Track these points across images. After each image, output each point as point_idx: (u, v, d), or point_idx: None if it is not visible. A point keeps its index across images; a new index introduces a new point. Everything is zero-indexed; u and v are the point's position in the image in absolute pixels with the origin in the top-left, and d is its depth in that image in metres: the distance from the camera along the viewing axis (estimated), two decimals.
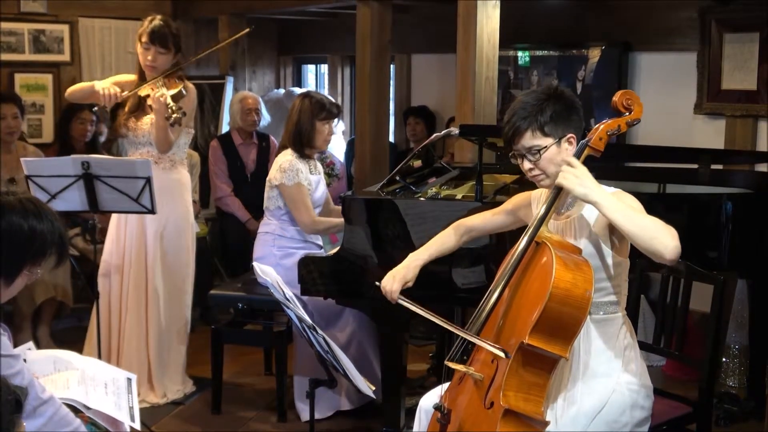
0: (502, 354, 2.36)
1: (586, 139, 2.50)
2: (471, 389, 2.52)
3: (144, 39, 4.20)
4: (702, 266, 3.04)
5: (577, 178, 2.37)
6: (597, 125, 2.52)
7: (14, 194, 2.39)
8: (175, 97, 4.05)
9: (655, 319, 3.22)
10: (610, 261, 2.53)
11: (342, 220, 4.22)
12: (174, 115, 3.94)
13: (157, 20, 4.22)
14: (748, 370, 4.39)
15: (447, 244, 2.91)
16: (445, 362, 2.55)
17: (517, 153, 2.58)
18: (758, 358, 4.23)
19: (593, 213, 2.50)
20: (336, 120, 4.34)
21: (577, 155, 2.47)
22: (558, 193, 2.48)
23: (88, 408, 2.65)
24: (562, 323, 2.33)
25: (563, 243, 2.47)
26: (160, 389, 4.34)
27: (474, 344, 2.53)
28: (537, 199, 2.74)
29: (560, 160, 2.48)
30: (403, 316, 3.58)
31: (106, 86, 4.15)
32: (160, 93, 4.04)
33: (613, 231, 2.50)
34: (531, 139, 2.52)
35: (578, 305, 2.32)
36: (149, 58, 4.20)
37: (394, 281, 2.80)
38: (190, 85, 4.30)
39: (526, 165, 2.56)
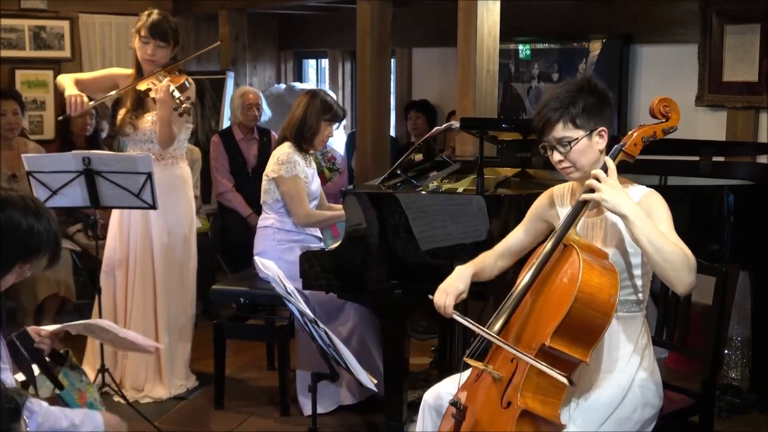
0: (564, 381, 2.30)
1: (621, 143, 2.49)
2: (488, 387, 2.51)
3: (143, 33, 4.16)
4: (704, 258, 3.02)
5: (610, 189, 2.35)
6: (632, 131, 2.51)
7: (16, 191, 2.41)
8: (180, 89, 4.03)
9: (657, 312, 3.22)
10: (639, 260, 2.52)
11: (335, 212, 4.26)
12: (183, 105, 3.92)
13: (156, 14, 4.19)
14: (751, 362, 4.39)
15: (485, 262, 2.79)
16: (464, 358, 2.53)
17: (547, 144, 2.56)
18: (760, 350, 4.23)
19: None
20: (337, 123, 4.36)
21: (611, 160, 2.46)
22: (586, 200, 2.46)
23: (119, 337, 2.78)
24: (585, 327, 2.31)
25: (591, 247, 2.45)
26: (168, 384, 4.35)
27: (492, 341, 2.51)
28: (560, 195, 2.71)
29: (591, 153, 2.49)
30: (405, 310, 3.59)
31: (74, 93, 4.04)
32: (164, 83, 4.02)
33: None
34: (562, 131, 2.50)
35: (603, 310, 2.31)
36: (149, 52, 4.17)
37: (447, 296, 2.65)
38: (190, 79, 4.29)
39: (556, 157, 2.54)
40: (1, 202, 2.31)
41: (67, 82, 4.16)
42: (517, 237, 2.81)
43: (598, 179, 2.38)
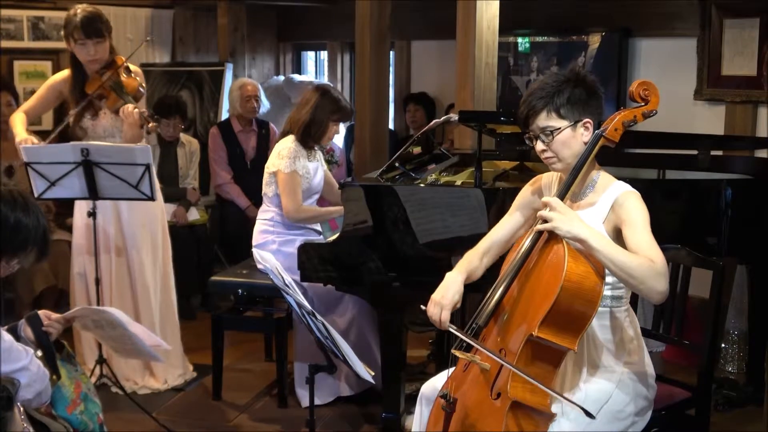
0: (548, 392, 2.31)
1: (601, 129, 2.48)
2: (477, 378, 2.51)
3: (77, 36, 4.06)
4: (701, 252, 3.04)
5: (562, 216, 2.34)
6: (612, 115, 2.50)
7: (5, 186, 2.40)
8: (137, 97, 4.06)
9: (655, 305, 3.22)
10: None
11: (327, 209, 4.27)
12: (151, 124, 3.95)
13: (81, 12, 4.08)
14: (747, 355, 4.40)
15: (472, 264, 2.74)
16: (452, 350, 2.53)
17: (532, 134, 2.55)
18: (757, 344, 4.23)
19: (603, 210, 2.50)
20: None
21: (592, 146, 2.46)
22: (570, 183, 2.46)
23: (126, 329, 2.76)
24: (572, 316, 2.31)
25: None
26: (161, 375, 4.35)
27: (480, 332, 2.52)
28: (548, 186, 2.71)
29: (574, 144, 2.49)
30: (403, 303, 3.60)
31: (23, 138, 3.92)
32: (129, 108, 3.99)
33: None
34: (545, 120, 2.50)
35: (589, 298, 2.31)
36: (91, 52, 4.08)
37: (443, 309, 2.58)
38: (136, 69, 4.26)
39: (539, 146, 2.54)
40: None
41: (17, 125, 4.05)
42: (497, 231, 2.78)
43: (549, 208, 2.36)
